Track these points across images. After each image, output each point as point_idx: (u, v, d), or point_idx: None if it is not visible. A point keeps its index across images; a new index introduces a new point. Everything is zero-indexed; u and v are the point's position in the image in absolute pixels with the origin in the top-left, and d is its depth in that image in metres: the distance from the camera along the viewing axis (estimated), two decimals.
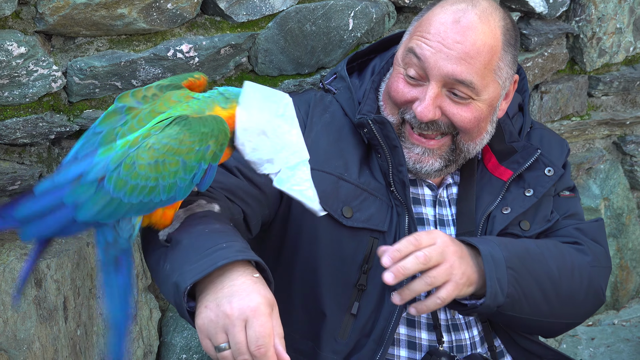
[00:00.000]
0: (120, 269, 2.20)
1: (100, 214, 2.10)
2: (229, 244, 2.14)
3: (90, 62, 2.79)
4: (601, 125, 4.10)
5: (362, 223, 2.66)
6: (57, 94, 2.83)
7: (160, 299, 3.32)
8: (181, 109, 2.16)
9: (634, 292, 4.41)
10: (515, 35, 2.73)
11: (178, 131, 2.08)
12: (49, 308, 2.95)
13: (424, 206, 2.81)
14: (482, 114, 2.67)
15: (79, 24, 2.72)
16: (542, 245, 2.72)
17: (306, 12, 3.07)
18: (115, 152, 2.08)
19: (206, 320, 2.02)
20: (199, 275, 2.04)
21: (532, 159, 2.82)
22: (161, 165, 2.08)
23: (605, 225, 4.13)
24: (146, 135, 2.09)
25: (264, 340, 1.97)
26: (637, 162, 4.30)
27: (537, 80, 3.78)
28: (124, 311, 2.21)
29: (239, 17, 2.97)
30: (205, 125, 2.09)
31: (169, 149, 2.07)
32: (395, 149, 2.66)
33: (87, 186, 2.08)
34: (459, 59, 2.57)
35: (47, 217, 2.12)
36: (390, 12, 3.27)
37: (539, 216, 2.84)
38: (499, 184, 2.82)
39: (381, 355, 2.64)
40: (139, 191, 2.09)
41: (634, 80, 4.06)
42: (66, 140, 2.94)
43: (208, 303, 2.03)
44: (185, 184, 2.12)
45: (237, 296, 2.00)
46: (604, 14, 3.80)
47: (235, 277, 2.05)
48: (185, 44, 2.89)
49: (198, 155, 2.10)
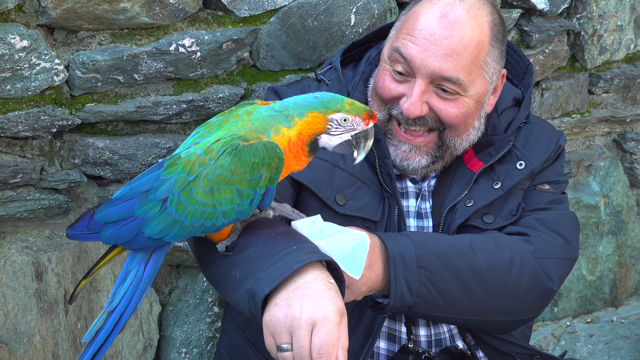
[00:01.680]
0: (149, 263, 2.26)
1: (164, 233, 2.17)
2: (299, 246, 2.13)
3: (93, 56, 2.79)
4: (601, 122, 4.11)
5: (355, 211, 2.67)
6: (59, 88, 2.83)
7: (160, 293, 3.33)
8: (241, 125, 2.20)
9: (632, 289, 4.41)
10: (502, 30, 2.72)
11: (230, 162, 2.12)
12: (50, 301, 2.95)
13: (407, 199, 2.81)
14: (469, 109, 2.66)
15: (82, 17, 2.72)
16: (476, 240, 2.63)
17: (308, 7, 3.07)
18: (177, 175, 2.15)
19: (274, 317, 2.00)
20: (275, 282, 2.03)
21: (503, 151, 2.79)
22: (216, 194, 2.14)
23: (605, 222, 4.14)
24: (203, 163, 2.14)
25: (327, 349, 1.95)
26: (637, 160, 4.30)
27: (538, 77, 3.78)
28: (132, 301, 2.25)
29: (241, 11, 2.97)
30: (256, 155, 2.12)
31: (222, 179, 2.13)
32: (379, 142, 2.67)
33: (153, 204, 2.16)
34: (445, 56, 2.57)
35: (121, 224, 2.19)
36: (392, 7, 3.27)
37: (505, 210, 2.79)
38: (469, 176, 2.79)
39: (369, 347, 2.65)
40: (199, 216, 2.16)
41: (634, 78, 4.06)
42: (68, 133, 2.94)
43: (279, 301, 2.02)
44: (243, 208, 2.17)
45: (308, 299, 1.99)
46: (605, 11, 3.80)
47: (310, 279, 2.05)
48: (188, 39, 2.89)
49: (252, 184, 2.14)
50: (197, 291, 3.32)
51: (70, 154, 2.95)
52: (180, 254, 3.25)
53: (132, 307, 2.26)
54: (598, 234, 4.19)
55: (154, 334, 3.26)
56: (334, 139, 2.20)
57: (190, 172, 2.14)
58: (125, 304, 2.25)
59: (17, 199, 2.93)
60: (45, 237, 2.98)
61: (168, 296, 3.36)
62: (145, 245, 2.22)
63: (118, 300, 2.25)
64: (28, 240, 2.94)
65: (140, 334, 3.20)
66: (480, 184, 2.79)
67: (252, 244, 2.21)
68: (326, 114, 2.18)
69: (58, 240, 2.98)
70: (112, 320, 2.25)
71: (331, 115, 2.18)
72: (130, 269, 2.26)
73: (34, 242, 2.94)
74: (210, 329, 3.33)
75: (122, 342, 3.15)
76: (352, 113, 2.18)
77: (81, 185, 3.03)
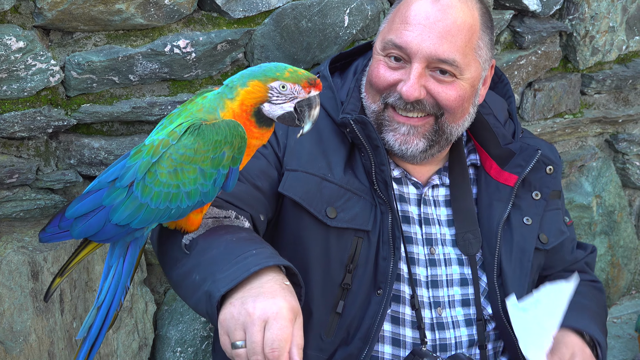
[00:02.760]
0: (126, 256, 2.31)
1: (131, 218, 2.20)
2: (259, 250, 2.16)
3: (88, 57, 2.81)
4: (594, 123, 4.12)
5: (347, 223, 2.67)
6: (55, 88, 2.85)
7: (155, 292, 3.34)
8: (196, 109, 2.23)
9: (625, 289, 4.43)
10: (490, 20, 2.76)
11: (192, 141, 2.15)
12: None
13: (409, 204, 2.82)
14: (465, 92, 2.68)
15: (77, 18, 2.74)
16: (593, 300, 2.99)
17: (302, 8, 3.09)
18: (142, 160, 2.18)
19: (228, 315, 2.03)
20: (232, 283, 2.06)
21: (534, 159, 2.84)
22: (180, 174, 2.17)
23: (597, 222, 4.16)
24: (166, 144, 2.17)
25: (279, 344, 1.97)
26: (629, 160, 4.32)
27: (531, 78, 3.80)
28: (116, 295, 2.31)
29: (235, 13, 2.99)
30: (219, 133, 2.15)
31: (186, 158, 2.16)
32: (377, 149, 2.67)
33: (120, 191, 2.19)
34: (441, 38, 2.60)
35: (90, 215, 2.23)
36: (385, 9, 3.29)
37: (553, 227, 2.91)
38: (507, 190, 2.83)
39: (367, 352, 2.66)
40: (164, 197, 2.18)
41: (626, 79, 4.08)
42: (63, 134, 2.96)
43: (234, 301, 2.04)
44: (207, 189, 2.20)
45: (262, 297, 2.02)
46: (597, 12, 3.82)
47: (265, 281, 2.07)
48: (182, 40, 2.91)
49: (215, 163, 2.17)
50: None
51: (66, 154, 2.97)
52: None
53: (116, 301, 2.31)
54: (590, 234, 4.20)
55: (149, 333, 3.27)
56: (275, 107, 2.20)
57: (154, 154, 2.17)
58: (110, 298, 2.31)
59: (13, 199, 2.94)
60: None
61: (163, 295, 3.37)
62: (113, 235, 2.24)
63: (104, 295, 2.30)
64: (24, 240, 2.95)
65: (135, 333, 3.22)
66: (521, 197, 2.86)
67: (213, 247, 2.23)
68: (266, 82, 2.18)
69: None
70: (100, 315, 2.31)
71: (270, 83, 2.18)
72: (111, 264, 2.31)
73: (30, 242, 2.95)
74: (205, 328, 3.34)
75: (117, 342, 3.16)
76: (290, 80, 2.18)
77: (77, 186, 3.04)
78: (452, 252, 2.80)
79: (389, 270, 2.66)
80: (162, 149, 2.17)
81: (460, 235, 2.80)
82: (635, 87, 4.18)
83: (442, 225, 2.82)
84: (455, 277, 2.79)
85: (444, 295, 2.76)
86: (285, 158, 2.69)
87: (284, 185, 2.65)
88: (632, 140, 4.27)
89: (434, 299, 2.75)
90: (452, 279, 2.78)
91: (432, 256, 2.78)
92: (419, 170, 2.85)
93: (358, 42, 3.28)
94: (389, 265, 2.66)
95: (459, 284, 2.78)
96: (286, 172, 2.67)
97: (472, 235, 2.80)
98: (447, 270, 2.79)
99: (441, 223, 2.83)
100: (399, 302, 2.71)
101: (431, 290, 2.75)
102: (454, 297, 2.77)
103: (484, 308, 2.79)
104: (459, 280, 2.79)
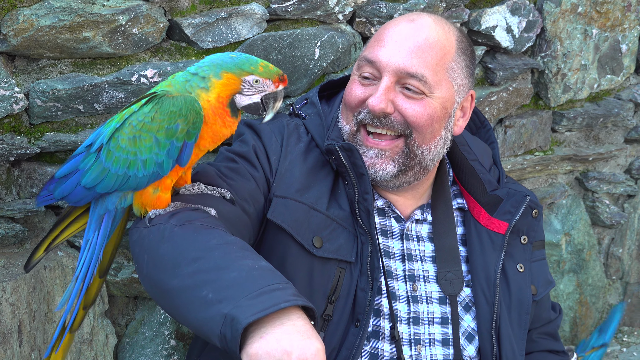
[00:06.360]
0: (100, 229, 2.46)
1: (96, 181, 2.38)
2: (284, 285, 2.14)
3: (53, 85, 2.78)
4: (564, 160, 4.13)
5: (332, 253, 2.66)
6: (19, 116, 2.81)
7: (117, 325, 3.30)
8: (165, 85, 2.39)
9: (592, 327, 4.43)
10: (470, 49, 2.77)
11: (151, 109, 2.31)
12: (4, 332, 2.91)
13: (391, 239, 2.80)
14: (435, 111, 2.67)
15: (43, 46, 2.71)
16: None
17: (272, 40, 3.07)
18: (111, 126, 2.37)
19: (261, 351, 2.00)
20: (261, 314, 2.03)
21: (523, 206, 2.84)
22: (138, 141, 2.32)
23: (566, 260, 4.16)
24: (130, 112, 2.34)
25: None
26: (599, 199, 4.33)
27: (502, 114, 3.80)
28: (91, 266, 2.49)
29: (204, 43, 2.97)
30: (175, 105, 2.30)
31: (143, 125, 2.32)
32: (362, 177, 2.65)
33: (91, 155, 2.40)
34: (411, 53, 2.62)
35: (68, 177, 2.43)
36: (356, 42, 3.28)
37: (541, 278, 2.93)
38: (499, 238, 2.84)
39: None
40: (122, 163, 2.34)
41: (597, 117, 4.09)
42: (26, 162, 2.91)
43: (265, 335, 2.02)
44: (161, 159, 2.33)
45: (298, 336, 2.02)
46: (569, 50, 3.83)
47: (295, 318, 2.06)
48: (150, 69, 2.88)
49: (169, 133, 2.31)
50: (154, 323, 3.29)
51: (28, 183, 2.92)
52: (137, 286, 3.22)
53: (91, 271, 2.49)
54: (559, 271, 4.20)
55: None
56: (244, 98, 2.40)
57: (119, 121, 2.34)
58: (86, 269, 2.49)
59: None
60: (0, 267, 2.94)
61: (124, 328, 3.32)
62: (82, 197, 2.43)
63: (80, 266, 2.49)
64: None
65: None
66: (512, 245, 2.87)
67: (232, 269, 2.18)
68: (240, 75, 2.36)
69: (13, 270, 2.94)
70: (77, 285, 2.50)
71: (245, 77, 2.37)
72: (88, 237, 2.48)
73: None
74: None
75: None
76: (263, 76, 2.37)
77: (38, 215, 2.99)
78: (435, 290, 2.79)
79: (366, 302, 2.63)
80: (125, 116, 2.35)
81: (442, 274, 2.79)
82: (606, 125, 4.20)
83: (425, 262, 2.81)
84: (437, 315, 2.77)
85: (425, 333, 2.75)
86: (274, 183, 2.68)
87: (273, 212, 2.64)
88: (602, 178, 4.28)
89: (414, 335, 2.73)
90: (434, 317, 2.77)
91: (414, 292, 2.76)
92: (402, 203, 2.84)
93: (329, 75, 3.26)
94: (367, 296, 2.63)
95: (439, 323, 2.77)
96: (275, 198, 2.66)
97: (454, 275, 2.80)
98: (428, 307, 2.77)
99: (425, 259, 2.81)
100: (378, 338, 2.69)
101: (412, 327, 2.74)
102: (434, 335, 2.76)
103: (463, 348, 2.77)
104: (440, 319, 2.77)
